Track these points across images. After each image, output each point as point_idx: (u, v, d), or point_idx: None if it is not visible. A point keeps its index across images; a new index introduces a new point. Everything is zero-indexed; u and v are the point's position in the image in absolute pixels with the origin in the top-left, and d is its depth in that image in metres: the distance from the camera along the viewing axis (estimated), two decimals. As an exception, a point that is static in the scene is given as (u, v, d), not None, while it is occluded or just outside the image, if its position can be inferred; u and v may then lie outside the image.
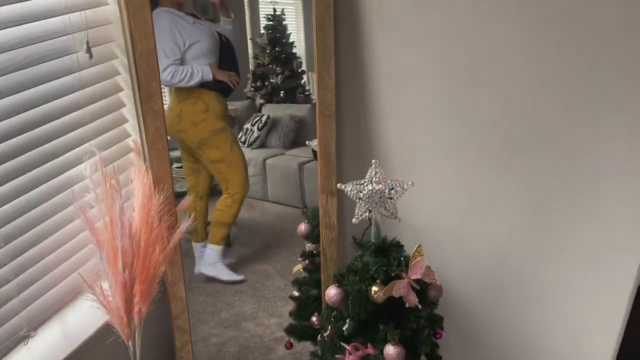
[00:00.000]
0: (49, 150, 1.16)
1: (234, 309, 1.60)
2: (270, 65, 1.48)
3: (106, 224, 1.18)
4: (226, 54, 1.45)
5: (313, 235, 1.53)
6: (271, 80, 1.49)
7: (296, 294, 1.57)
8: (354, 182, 1.23)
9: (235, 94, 1.50)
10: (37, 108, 1.11)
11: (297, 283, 1.57)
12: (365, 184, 1.22)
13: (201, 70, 1.40)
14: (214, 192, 1.57)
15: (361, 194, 1.22)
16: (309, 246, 1.56)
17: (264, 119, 1.58)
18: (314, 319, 1.53)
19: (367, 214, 1.24)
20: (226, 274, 1.59)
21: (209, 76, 1.41)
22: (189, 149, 1.49)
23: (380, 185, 1.21)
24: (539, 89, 1.30)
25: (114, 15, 1.27)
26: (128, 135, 1.40)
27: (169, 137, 1.40)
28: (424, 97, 1.40)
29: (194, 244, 1.60)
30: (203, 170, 1.52)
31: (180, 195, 1.51)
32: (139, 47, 1.25)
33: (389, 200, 1.23)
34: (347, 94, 1.45)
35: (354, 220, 1.25)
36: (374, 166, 1.22)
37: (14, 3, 1.03)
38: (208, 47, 1.41)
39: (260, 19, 1.44)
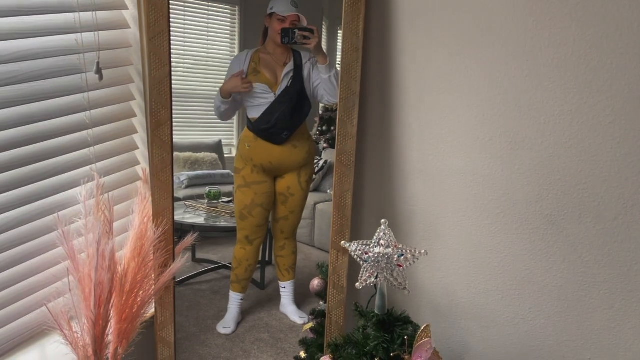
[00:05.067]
0: (44, 167, 1.10)
1: (249, 357, 1.47)
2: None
3: (89, 255, 1.10)
4: (283, 104, 1.38)
5: (325, 294, 1.39)
6: (337, 125, 1.45)
7: (302, 355, 1.42)
8: (360, 242, 1.10)
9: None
10: (38, 123, 1.07)
11: (304, 343, 1.43)
12: (372, 245, 1.08)
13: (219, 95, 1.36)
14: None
15: (366, 255, 1.08)
16: (321, 304, 1.42)
17: (321, 163, 1.53)
18: None
19: (372, 279, 1.09)
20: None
21: (220, 94, 1.36)
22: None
23: (389, 250, 1.07)
24: (588, 160, 1.12)
25: (134, 39, 1.23)
26: (137, 163, 1.34)
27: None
28: (456, 156, 1.25)
29: (232, 294, 1.50)
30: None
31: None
32: (153, 73, 1.19)
33: (398, 267, 1.08)
34: (371, 144, 1.32)
35: (357, 285, 1.11)
36: (383, 227, 1.07)
37: (25, 15, 1.00)
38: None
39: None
